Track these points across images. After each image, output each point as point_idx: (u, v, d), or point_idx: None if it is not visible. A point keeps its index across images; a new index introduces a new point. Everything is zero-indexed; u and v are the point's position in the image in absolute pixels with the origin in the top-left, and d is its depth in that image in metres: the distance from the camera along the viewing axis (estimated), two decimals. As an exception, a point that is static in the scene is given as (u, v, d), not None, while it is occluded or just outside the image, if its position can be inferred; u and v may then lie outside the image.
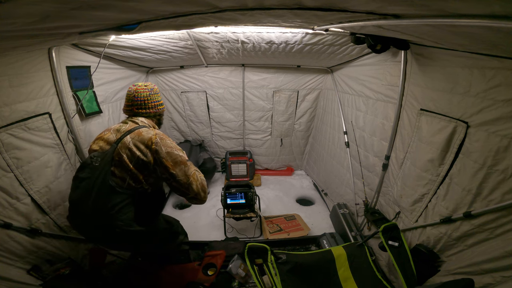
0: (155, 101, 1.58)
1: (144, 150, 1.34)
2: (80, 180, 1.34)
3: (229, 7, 0.87)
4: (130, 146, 1.34)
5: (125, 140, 1.36)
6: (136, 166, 1.34)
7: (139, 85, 1.56)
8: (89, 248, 1.83)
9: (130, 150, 1.34)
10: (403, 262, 1.62)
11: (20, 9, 0.58)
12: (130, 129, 1.41)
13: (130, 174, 1.33)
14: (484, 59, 1.25)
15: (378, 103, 2.21)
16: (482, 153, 1.30)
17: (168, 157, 1.35)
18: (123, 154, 1.33)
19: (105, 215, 1.28)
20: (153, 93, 1.57)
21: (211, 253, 2.18)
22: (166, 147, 1.37)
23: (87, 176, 1.32)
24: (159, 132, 1.45)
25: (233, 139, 3.96)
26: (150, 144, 1.35)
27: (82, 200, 1.30)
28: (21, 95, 1.45)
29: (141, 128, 1.42)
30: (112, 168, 1.32)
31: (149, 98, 1.55)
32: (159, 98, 1.62)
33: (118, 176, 1.33)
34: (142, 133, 1.38)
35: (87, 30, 1.02)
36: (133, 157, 1.34)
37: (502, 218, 1.21)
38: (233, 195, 2.64)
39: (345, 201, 2.83)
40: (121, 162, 1.33)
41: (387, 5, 0.78)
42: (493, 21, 0.63)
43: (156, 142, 1.36)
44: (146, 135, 1.37)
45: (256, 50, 2.34)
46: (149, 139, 1.36)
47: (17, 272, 1.36)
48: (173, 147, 1.40)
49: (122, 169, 1.33)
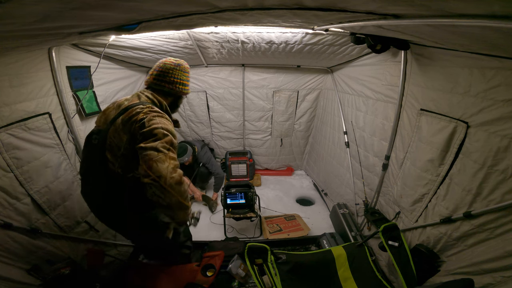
0: (176, 77, 1.38)
1: (131, 130, 1.16)
2: (84, 158, 1.38)
3: (229, 7, 0.87)
4: (119, 129, 1.20)
5: (117, 121, 1.21)
6: (125, 153, 1.20)
7: (170, 58, 1.42)
8: (88, 248, 1.82)
9: (119, 134, 1.20)
10: (403, 262, 1.62)
11: (20, 9, 0.58)
12: (127, 105, 1.23)
13: (119, 161, 1.22)
14: (484, 59, 1.25)
15: (378, 103, 2.21)
16: (482, 153, 1.30)
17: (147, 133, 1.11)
18: (113, 139, 1.21)
19: (99, 196, 1.30)
20: (178, 69, 1.39)
21: (209, 254, 2.18)
22: (152, 123, 1.13)
23: (86, 156, 1.34)
24: (156, 109, 1.22)
25: (233, 139, 3.96)
26: (135, 121, 1.15)
27: (86, 178, 1.34)
28: (21, 95, 1.45)
29: (137, 106, 1.21)
30: (106, 152, 1.23)
31: (171, 72, 1.37)
32: (183, 77, 1.41)
33: (110, 161, 1.23)
34: (133, 111, 1.18)
35: (87, 30, 1.02)
36: (121, 143, 1.19)
37: (502, 218, 1.21)
38: (233, 195, 2.64)
39: (345, 201, 2.83)
40: (111, 147, 1.22)
41: (387, 5, 0.78)
42: (493, 21, 0.63)
43: (142, 118, 1.14)
44: (134, 112, 1.17)
45: (256, 50, 2.34)
46: (136, 116, 1.16)
47: (17, 272, 1.36)
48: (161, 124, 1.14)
49: (112, 155, 1.23)
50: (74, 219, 1.77)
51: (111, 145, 1.22)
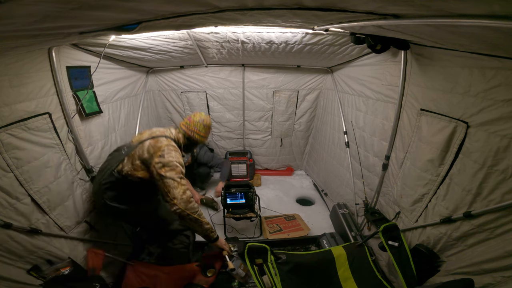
0: (196, 127, 1.84)
1: (151, 154, 1.60)
2: (107, 159, 1.83)
3: (229, 7, 0.87)
4: (144, 148, 1.64)
5: (145, 142, 1.67)
6: (139, 163, 1.64)
7: (199, 113, 1.90)
8: (88, 249, 1.83)
9: (143, 150, 1.64)
10: (403, 262, 1.62)
11: (20, 9, 0.58)
12: (156, 135, 1.71)
13: (132, 166, 1.66)
14: (484, 59, 1.25)
15: (378, 103, 2.21)
16: (482, 153, 1.30)
17: (166, 163, 1.56)
18: (137, 151, 1.66)
19: (100, 187, 1.70)
20: (200, 123, 1.84)
21: (209, 254, 2.18)
22: (169, 156, 1.58)
23: (110, 157, 1.80)
24: (173, 144, 1.68)
25: (233, 139, 3.96)
26: (157, 151, 1.59)
27: (100, 171, 1.78)
28: (21, 95, 1.45)
29: (162, 137, 1.68)
30: (126, 157, 1.68)
31: (194, 122, 1.84)
32: (202, 129, 1.85)
33: (125, 164, 1.67)
34: (158, 141, 1.65)
35: (87, 30, 1.02)
36: (141, 156, 1.63)
37: (502, 218, 1.21)
38: (233, 195, 2.64)
39: (345, 201, 2.83)
40: (133, 155, 1.67)
41: (387, 5, 0.78)
42: (493, 21, 0.63)
43: (163, 151, 1.59)
44: (159, 144, 1.63)
45: (256, 50, 2.34)
46: (159, 148, 1.60)
47: (17, 272, 1.35)
48: (175, 158, 1.60)
49: (129, 160, 1.68)
50: (74, 219, 1.77)
51: (133, 154, 1.67)
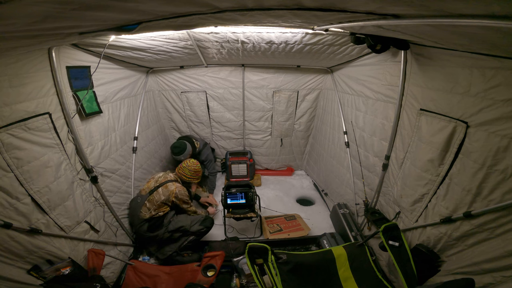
0: (187, 173, 2.63)
1: (167, 197, 2.38)
2: (131, 207, 2.50)
3: (229, 7, 0.87)
4: (160, 193, 2.38)
5: (158, 189, 2.40)
6: (159, 204, 2.35)
7: (192, 160, 2.73)
8: (88, 249, 1.83)
9: (159, 194, 2.38)
10: (404, 262, 1.62)
11: (20, 9, 0.58)
12: (162, 182, 2.45)
13: (154, 208, 2.34)
14: (484, 59, 1.25)
15: (378, 103, 2.21)
16: (482, 153, 1.30)
17: (182, 200, 2.48)
18: (154, 196, 2.37)
19: (137, 226, 2.38)
20: (191, 169, 2.64)
21: (210, 254, 2.18)
22: (182, 196, 2.45)
23: (132, 206, 2.48)
24: (179, 185, 2.48)
25: (233, 139, 3.96)
26: (172, 195, 2.40)
27: (132, 217, 2.46)
28: (21, 95, 1.45)
29: (168, 183, 2.44)
30: (145, 202, 2.36)
31: (186, 168, 2.64)
32: (188, 173, 2.63)
33: (148, 207, 2.36)
34: (167, 186, 2.41)
35: (87, 30, 1.02)
36: (159, 200, 2.35)
37: (502, 218, 1.21)
38: (233, 195, 2.64)
39: (345, 201, 2.83)
40: (152, 201, 2.36)
41: (387, 5, 0.78)
42: (493, 21, 0.63)
43: (176, 193, 2.42)
44: (170, 188, 2.41)
45: (256, 50, 2.34)
46: (172, 192, 2.40)
47: (17, 272, 1.36)
48: (185, 196, 2.48)
49: (151, 204, 2.36)
50: (74, 219, 1.77)
51: (152, 199, 2.37)
